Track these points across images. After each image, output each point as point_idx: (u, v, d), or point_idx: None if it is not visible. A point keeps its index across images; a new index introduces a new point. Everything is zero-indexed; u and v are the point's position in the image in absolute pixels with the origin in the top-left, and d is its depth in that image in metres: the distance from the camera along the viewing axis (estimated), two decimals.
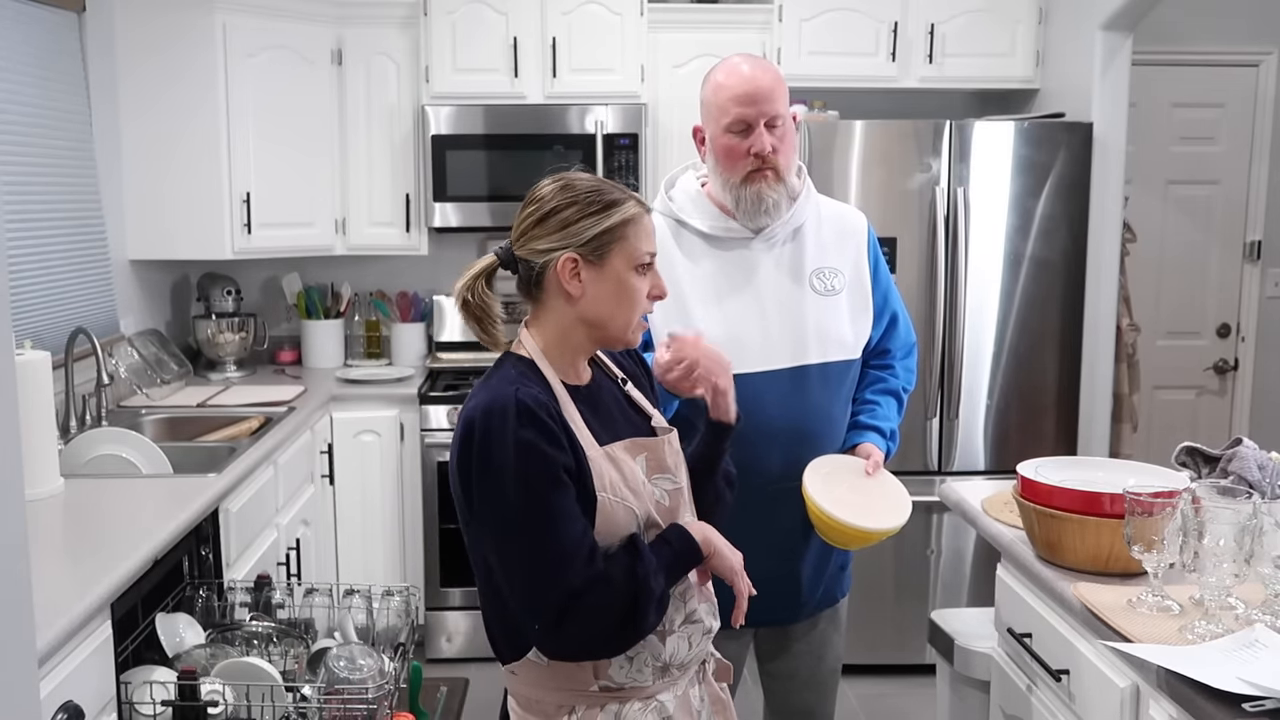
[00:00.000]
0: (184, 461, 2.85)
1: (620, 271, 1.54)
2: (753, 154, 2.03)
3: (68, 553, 2.12)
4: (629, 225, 1.54)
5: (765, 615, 2.13)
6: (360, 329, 4.38)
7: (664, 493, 1.59)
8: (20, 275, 3.02)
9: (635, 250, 1.54)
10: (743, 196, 2.06)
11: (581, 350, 1.60)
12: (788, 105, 2.08)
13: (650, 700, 1.57)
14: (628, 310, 1.56)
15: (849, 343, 2.13)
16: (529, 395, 1.47)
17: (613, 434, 1.57)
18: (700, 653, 1.65)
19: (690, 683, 1.65)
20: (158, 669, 2.04)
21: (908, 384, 2.25)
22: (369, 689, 1.95)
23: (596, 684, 1.55)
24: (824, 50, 3.94)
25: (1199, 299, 4.62)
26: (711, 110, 2.09)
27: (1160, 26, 4.16)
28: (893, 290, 2.25)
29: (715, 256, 2.11)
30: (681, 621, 1.59)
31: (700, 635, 1.62)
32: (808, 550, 2.14)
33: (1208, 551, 1.56)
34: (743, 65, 2.07)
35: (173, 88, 3.67)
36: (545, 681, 1.55)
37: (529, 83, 3.92)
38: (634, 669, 1.55)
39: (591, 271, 1.53)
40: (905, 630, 3.69)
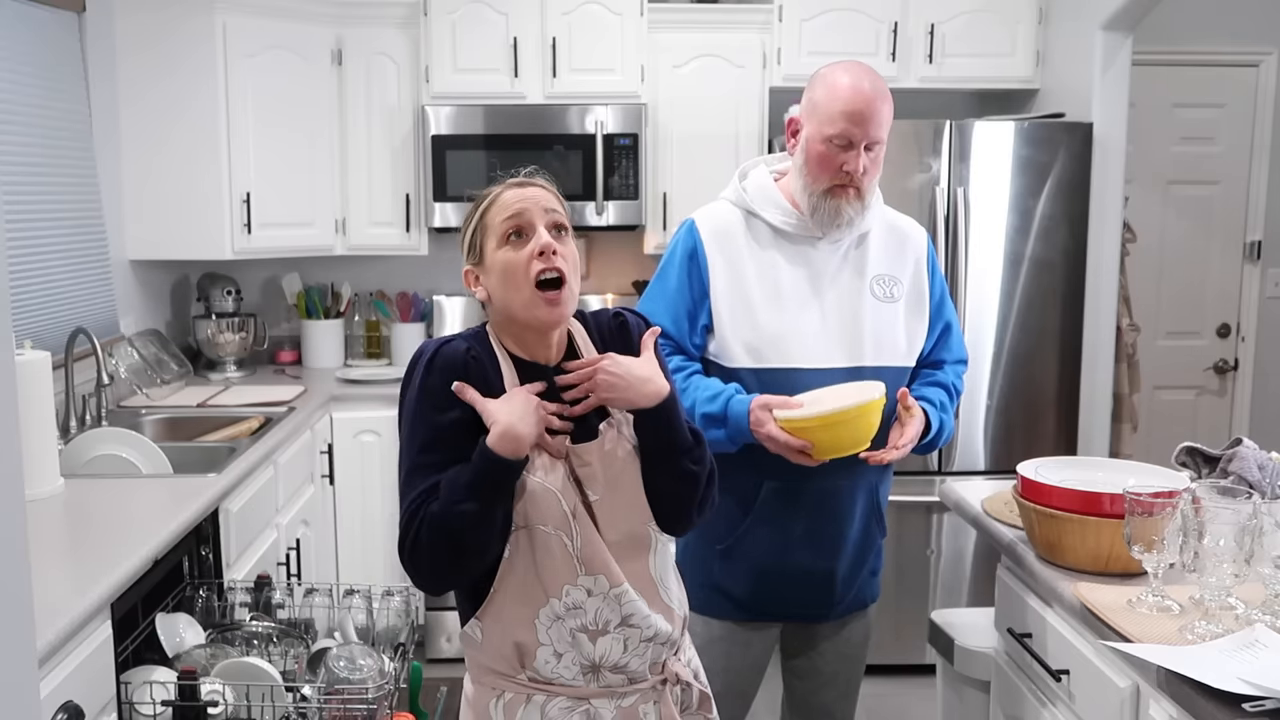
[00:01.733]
0: (184, 461, 2.85)
1: (492, 255, 1.57)
2: (844, 170, 2.05)
3: (68, 553, 2.12)
4: (487, 212, 1.59)
5: (798, 610, 2.18)
6: (360, 329, 4.38)
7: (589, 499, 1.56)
8: (20, 275, 3.02)
9: (495, 228, 1.57)
10: (821, 206, 2.08)
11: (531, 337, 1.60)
12: (888, 129, 2.11)
13: (581, 702, 1.57)
14: (517, 285, 1.55)
15: (903, 350, 2.16)
16: (451, 349, 1.56)
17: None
18: (642, 662, 1.60)
19: (643, 699, 1.61)
20: (158, 669, 2.04)
21: (958, 385, 2.26)
22: (369, 689, 1.95)
23: (524, 674, 1.58)
24: (824, 50, 3.93)
25: (1199, 299, 4.62)
26: (819, 113, 2.08)
27: (1160, 26, 4.16)
28: (947, 303, 2.29)
29: (782, 250, 2.14)
30: (617, 624, 1.56)
31: (639, 641, 1.58)
32: (845, 549, 2.17)
33: (1208, 551, 1.56)
34: (863, 81, 2.07)
35: (172, 87, 3.67)
36: (478, 658, 1.61)
37: (529, 83, 3.92)
38: (560, 665, 1.56)
39: (481, 271, 1.60)
40: (905, 630, 3.69)
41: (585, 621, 1.55)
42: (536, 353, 1.62)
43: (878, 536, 2.25)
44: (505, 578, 1.55)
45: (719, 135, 4.02)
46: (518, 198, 1.57)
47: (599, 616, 1.55)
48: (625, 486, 1.59)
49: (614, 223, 3.97)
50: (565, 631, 1.55)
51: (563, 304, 1.55)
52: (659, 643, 1.61)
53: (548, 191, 1.61)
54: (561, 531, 1.53)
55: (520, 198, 1.57)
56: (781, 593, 2.16)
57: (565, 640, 1.55)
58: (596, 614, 1.55)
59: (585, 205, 3.92)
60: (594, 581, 1.55)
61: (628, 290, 4.36)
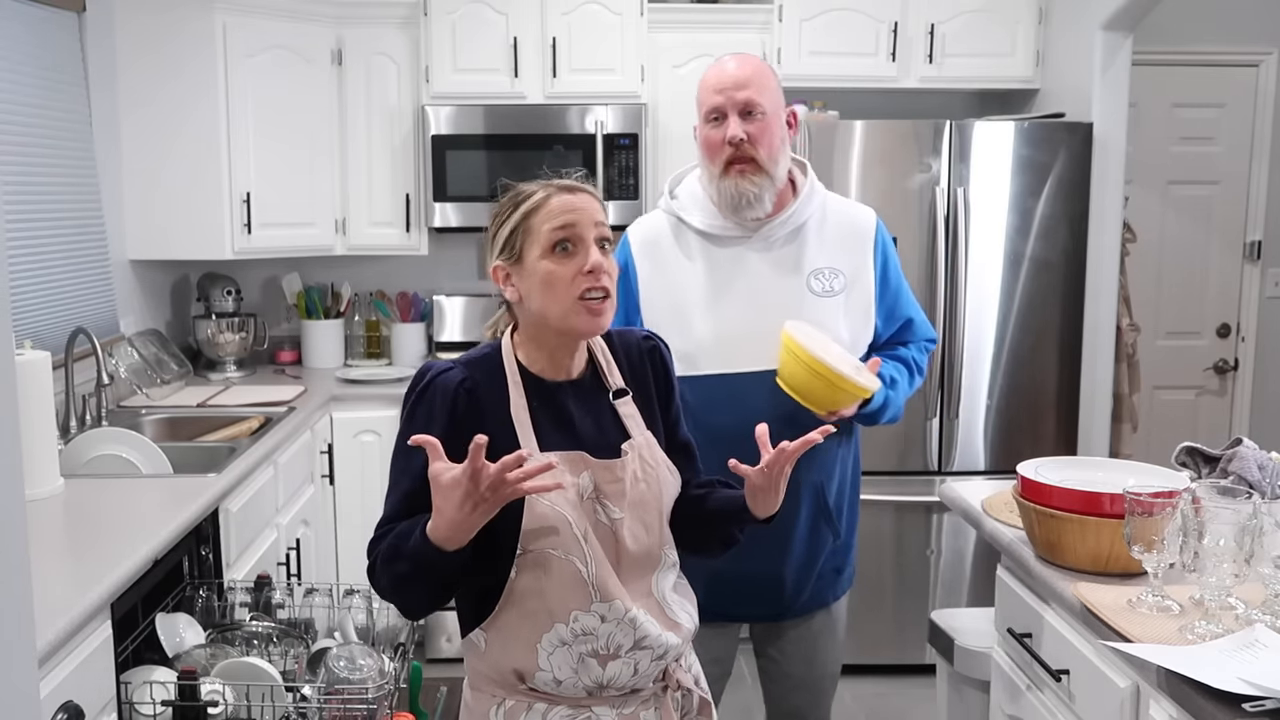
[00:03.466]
0: (184, 461, 2.85)
1: (535, 262, 1.52)
2: (726, 143, 2.03)
3: (68, 553, 2.12)
4: (533, 215, 1.53)
5: (748, 611, 2.15)
6: (360, 329, 4.38)
7: (608, 518, 1.54)
8: (20, 275, 3.02)
9: (542, 236, 1.52)
10: (723, 190, 2.07)
11: (557, 346, 1.57)
12: (775, 98, 2.08)
13: (583, 709, 1.55)
14: (556, 296, 1.51)
15: (846, 344, 2.11)
16: (446, 379, 1.53)
17: (568, 442, 1.55)
18: (648, 675, 1.58)
19: (644, 705, 1.59)
20: (158, 669, 2.04)
21: (920, 361, 2.23)
22: (369, 689, 1.95)
23: (524, 685, 1.55)
24: (824, 50, 3.94)
25: (1199, 299, 4.62)
26: (697, 105, 2.11)
27: (1160, 26, 4.16)
28: (904, 293, 2.24)
29: (712, 255, 2.11)
30: (629, 648, 1.53)
31: (650, 661, 1.56)
32: (792, 551, 2.14)
33: (1208, 551, 1.56)
34: (728, 61, 2.10)
35: (173, 87, 3.67)
36: (479, 667, 1.58)
37: (529, 83, 3.92)
38: (561, 687, 1.53)
39: (517, 272, 1.55)
40: (905, 630, 3.69)
41: (596, 646, 1.52)
42: (557, 365, 1.58)
43: (829, 537, 2.19)
44: (510, 596, 1.52)
45: None
46: (568, 207, 1.52)
47: (611, 641, 1.52)
48: (649, 506, 1.58)
49: (614, 223, 3.91)
50: (571, 656, 1.51)
51: (604, 314, 1.53)
52: (672, 659, 1.60)
53: (595, 200, 1.57)
54: (574, 556, 1.49)
55: (571, 208, 1.52)
56: (734, 595, 2.13)
57: (569, 666, 1.52)
58: (609, 639, 1.52)
59: None
60: (608, 608, 1.51)
61: None
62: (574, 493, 1.52)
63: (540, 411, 1.55)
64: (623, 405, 1.62)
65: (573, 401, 1.58)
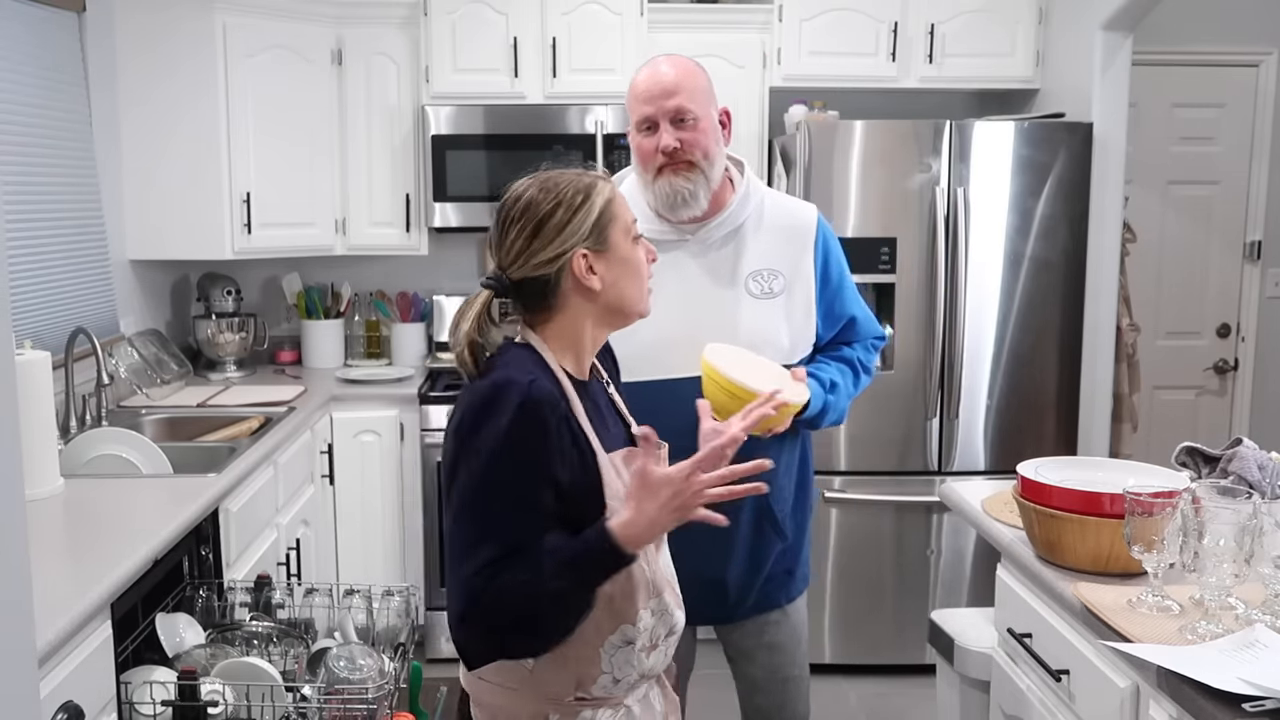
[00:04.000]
0: (184, 461, 2.85)
1: (622, 247, 1.55)
2: (658, 151, 2.03)
3: (68, 553, 2.12)
4: (613, 203, 1.56)
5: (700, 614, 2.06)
6: (360, 329, 4.38)
7: None
8: (20, 275, 3.02)
9: (625, 222, 1.57)
10: (657, 191, 2.06)
11: (596, 344, 1.60)
12: (705, 101, 2.07)
13: (619, 707, 1.57)
14: (640, 281, 1.58)
15: (784, 347, 2.09)
16: (542, 389, 1.44)
17: (613, 441, 1.56)
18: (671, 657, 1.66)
19: (650, 686, 1.65)
20: (158, 669, 2.04)
21: (866, 360, 2.21)
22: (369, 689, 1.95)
23: (574, 694, 1.52)
24: (824, 50, 3.94)
25: (1199, 299, 4.62)
26: (629, 113, 2.11)
27: (1160, 26, 4.16)
28: (846, 290, 2.21)
29: None
30: (665, 635, 1.59)
31: (673, 645, 1.64)
32: (734, 554, 2.11)
33: (1208, 551, 1.56)
34: (659, 64, 2.08)
35: (172, 87, 3.67)
36: (523, 688, 1.52)
37: (529, 83, 3.92)
38: (617, 687, 1.54)
39: (602, 260, 1.53)
40: (905, 630, 3.69)
41: (644, 641, 1.54)
42: (580, 365, 1.58)
43: (775, 540, 2.16)
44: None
45: None
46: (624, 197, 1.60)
47: (653, 633, 1.56)
48: None
49: None
50: (632, 654, 1.53)
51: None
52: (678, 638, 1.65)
53: None
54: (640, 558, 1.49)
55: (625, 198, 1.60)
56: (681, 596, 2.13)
57: (629, 664, 1.53)
58: (653, 632, 1.56)
59: None
60: (657, 602, 1.55)
61: None
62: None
63: (591, 412, 1.55)
64: (614, 394, 1.69)
65: (598, 398, 1.62)
